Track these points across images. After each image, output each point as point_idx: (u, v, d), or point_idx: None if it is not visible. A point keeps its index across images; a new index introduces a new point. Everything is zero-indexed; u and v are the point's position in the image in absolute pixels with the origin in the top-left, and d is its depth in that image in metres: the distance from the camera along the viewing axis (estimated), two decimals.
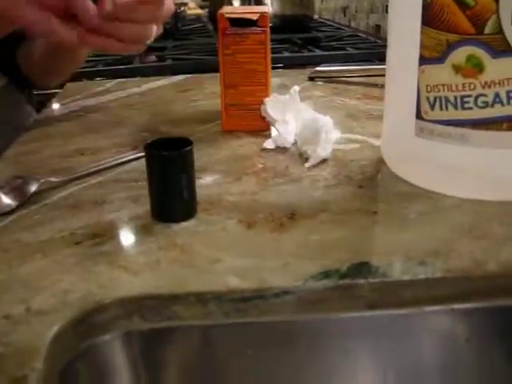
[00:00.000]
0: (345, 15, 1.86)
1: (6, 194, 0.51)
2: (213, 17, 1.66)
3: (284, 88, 0.86)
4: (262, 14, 0.66)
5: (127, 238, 0.45)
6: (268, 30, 0.66)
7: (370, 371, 0.42)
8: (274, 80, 0.82)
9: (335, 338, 0.40)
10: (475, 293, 0.40)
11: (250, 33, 0.66)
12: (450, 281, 0.39)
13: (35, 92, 0.92)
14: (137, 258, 0.42)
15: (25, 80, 0.85)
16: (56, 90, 1.00)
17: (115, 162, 0.59)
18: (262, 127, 0.68)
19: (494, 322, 0.41)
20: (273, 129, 0.67)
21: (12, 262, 0.42)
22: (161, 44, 1.37)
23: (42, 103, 0.90)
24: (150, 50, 1.33)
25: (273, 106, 0.67)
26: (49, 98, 0.93)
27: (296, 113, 0.65)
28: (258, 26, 0.66)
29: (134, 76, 1.07)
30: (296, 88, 0.66)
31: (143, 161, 0.47)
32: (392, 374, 0.41)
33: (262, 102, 0.68)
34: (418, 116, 0.50)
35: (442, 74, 0.47)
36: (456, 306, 0.40)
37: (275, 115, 0.66)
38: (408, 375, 0.42)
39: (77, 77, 1.07)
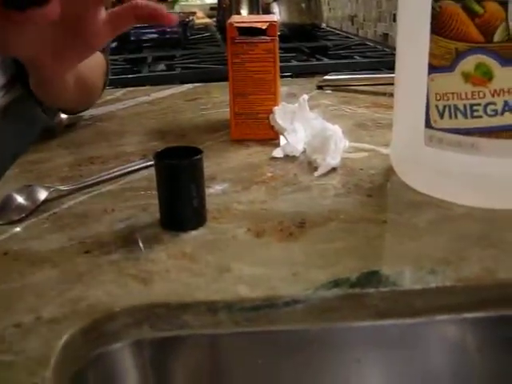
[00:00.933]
0: (353, 24, 1.87)
1: (16, 202, 0.51)
2: (221, 26, 1.67)
3: (292, 97, 0.86)
4: (271, 23, 0.66)
5: (137, 246, 0.45)
6: (277, 38, 0.66)
7: (381, 380, 0.42)
8: (283, 89, 0.82)
9: (346, 347, 0.40)
10: (486, 302, 0.40)
11: (259, 42, 0.66)
12: (460, 290, 0.39)
13: None
14: (146, 266, 0.42)
15: None
16: None
17: (125, 171, 0.59)
18: (271, 136, 0.68)
19: (505, 331, 0.40)
20: (282, 138, 0.67)
21: (22, 270, 0.42)
22: (169, 53, 1.38)
23: (53, 112, 0.90)
24: (159, 58, 1.34)
25: (282, 114, 0.67)
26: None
27: (305, 122, 0.66)
28: (266, 35, 0.66)
29: (142, 85, 1.08)
30: (305, 97, 0.66)
31: (153, 169, 0.47)
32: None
33: (270, 111, 0.68)
34: (428, 125, 0.49)
35: (451, 82, 0.47)
36: (467, 315, 0.40)
37: (284, 124, 0.66)
38: None
39: None
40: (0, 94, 0.75)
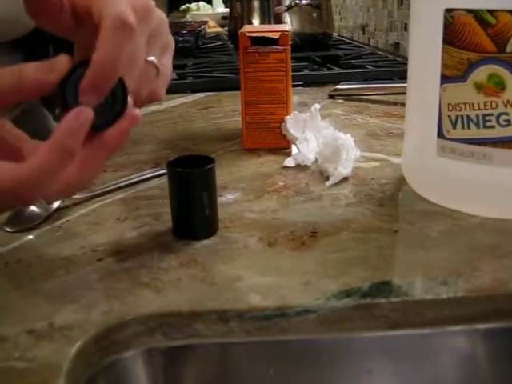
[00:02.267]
0: (364, 33, 1.87)
1: (29, 210, 0.52)
2: (232, 35, 1.67)
3: (304, 106, 0.86)
4: (283, 33, 0.66)
5: (149, 255, 0.45)
6: (289, 48, 0.67)
7: None
8: (294, 98, 0.82)
9: (356, 358, 0.40)
10: (498, 312, 0.40)
11: (271, 51, 0.67)
12: (472, 300, 0.39)
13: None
14: (158, 274, 0.42)
15: (53, 97, 0.86)
16: None
17: (137, 179, 0.60)
18: (283, 145, 0.69)
19: None
20: (293, 147, 0.67)
21: (35, 277, 0.42)
22: (181, 62, 1.38)
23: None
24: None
25: (293, 123, 0.67)
26: None
27: (316, 131, 0.66)
28: (278, 45, 0.66)
29: None
30: (316, 106, 0.67)
31: (165, 178, 0.47)
32: None
33: (282, 120, 0.68)
34: (440, 135, 0.49)
35: (463, 92, 0.47)
36: (478, 326, 0.40)
37: (296, 133, 0.66)
38: None
39: None
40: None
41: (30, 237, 0.49)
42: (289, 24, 1.45)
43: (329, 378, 0.40)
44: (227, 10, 2.08)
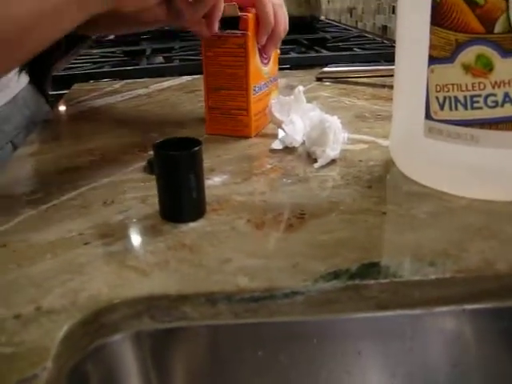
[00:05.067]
0: (351, 16, 1.86)
1: None
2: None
3: (291, 89, 0.86)
4: (242, 17, 0.64)
5: (136, 238, 0.45)
6: (249, 33, 0.64)
7: (380, 372, 0.42)
8: (282, 81, 0.82)
9: (345, 339, 0.40)
10: (486, 293, 0.40)
11: (230, 36, 0.65)
12: (460, 281, 0.39)
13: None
14: (146, 258, 0.42)
15: (45, 80, 0.86)
16: (64, 91, 1.00)
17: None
18: (244, 133, 0.68)
19: (504, 323, 0.40)
20: (280, 131, 0.67)
21: (21, 262, 0.42)
22: (168, 45, 1.37)
23: (51, 104, 0.90)
24: (158, 50, 1.33)
25: (278, 107, 0.67)
26: (57, 99, 0.94)
27: (302, 113, 0.65)
28: (238, 29, 0.64)
29: (141, 77, 1.07)
30: (300, 88, 0.66)
31: None
32: (401, 375, 0.41)
33: (242, 108, 0.67)
34: (428, 116, 0.49)
35: (451, 73, 0.47)
36: (466, 307, 0.40)
37: (281, 117, 0.66)
38: (418, 376, 0.41)
39: (84, 78, 1.08)
40: (14, 79, 0.76)
41: (16, 221, 0.48)
42: None
43: (318, 359, 0.40)
44: None
